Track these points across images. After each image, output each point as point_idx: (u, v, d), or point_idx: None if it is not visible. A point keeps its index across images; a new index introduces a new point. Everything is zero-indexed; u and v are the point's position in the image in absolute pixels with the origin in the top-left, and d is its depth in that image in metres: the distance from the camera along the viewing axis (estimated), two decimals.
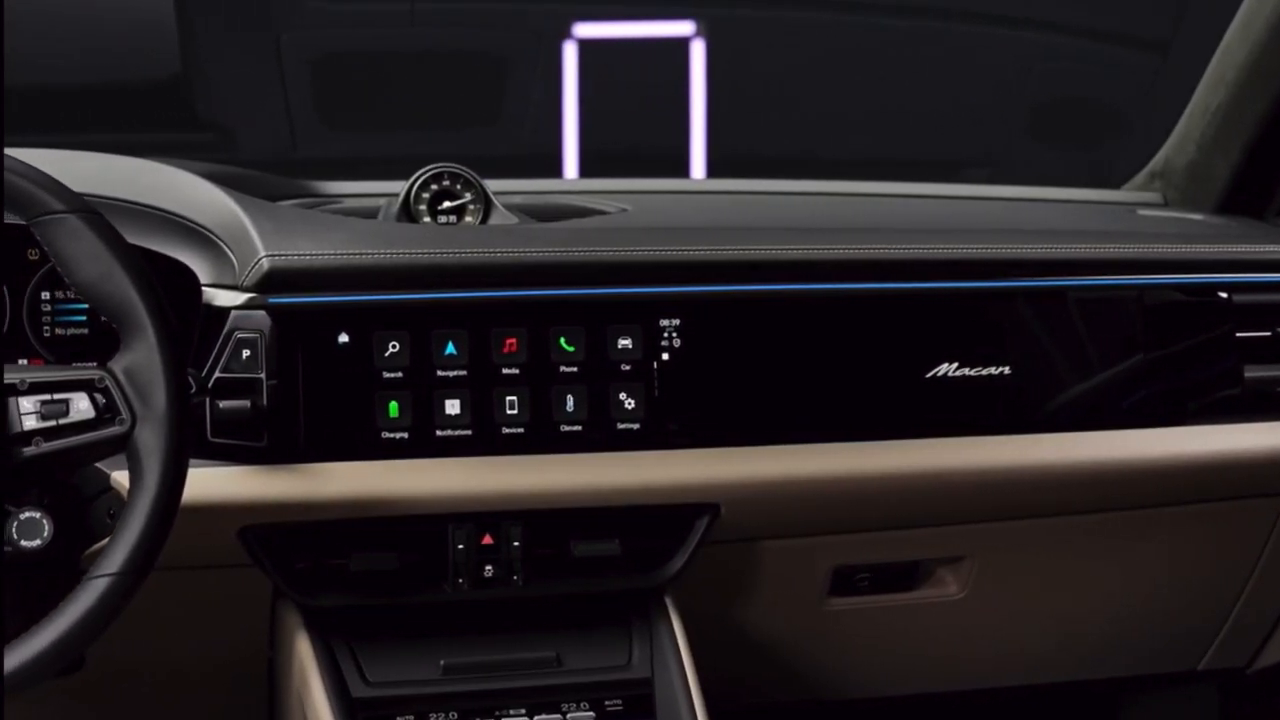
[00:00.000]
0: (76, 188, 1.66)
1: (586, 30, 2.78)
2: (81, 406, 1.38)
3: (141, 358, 1.39)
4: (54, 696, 1.80)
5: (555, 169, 2.36)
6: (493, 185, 1.90)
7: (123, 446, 1.38)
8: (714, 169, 2.85)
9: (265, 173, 2.07)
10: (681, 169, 2.83)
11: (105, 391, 1.38)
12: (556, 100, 2.74)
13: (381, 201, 1.86)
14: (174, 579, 1.67)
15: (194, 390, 1.53)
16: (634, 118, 2.81)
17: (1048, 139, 2.92)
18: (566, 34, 2.75)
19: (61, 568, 1.41)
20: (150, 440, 1.37)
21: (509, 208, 1.84)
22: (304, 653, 1.65)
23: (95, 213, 1.42)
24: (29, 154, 1.75)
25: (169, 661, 1.80)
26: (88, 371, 1.40)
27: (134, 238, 1.66)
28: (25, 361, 1.71)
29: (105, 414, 1.38)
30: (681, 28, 2.83)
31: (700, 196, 2.18)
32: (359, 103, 2.74)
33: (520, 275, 1.67)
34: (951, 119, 2.89)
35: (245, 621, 1.73)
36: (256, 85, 2.67)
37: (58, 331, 1.71)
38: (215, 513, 1.61)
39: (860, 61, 2.92)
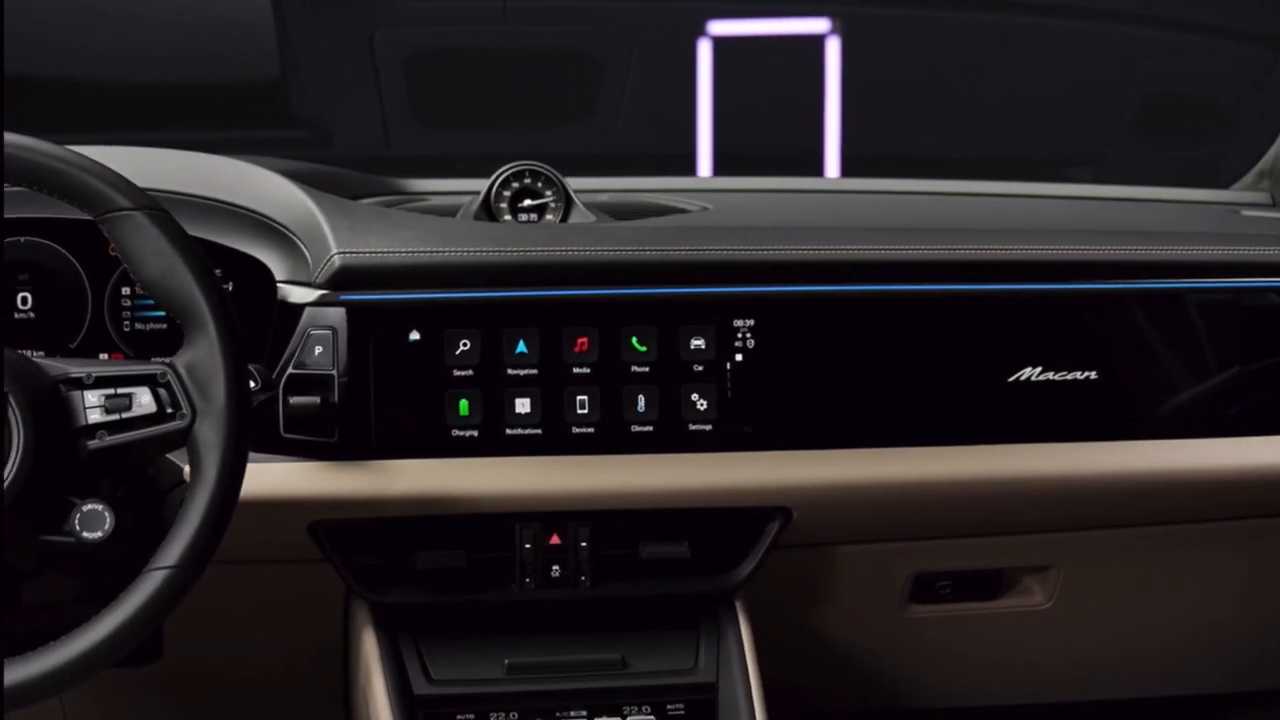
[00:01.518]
0: (158, 185, 1.70)
1: (721, 28, 2.78)
2: (144, 401, 1.39)
3: (203, 353, 1.40)
4: (138, 686, 1.83)
5: (646, 167, 2.34)
6: (576, 183, 1.89)
7: (183, 441, 1.39)
8: (848, 167, 2.83)
9: (351, 170, 2.08)
10: (815, 168, 2.82)
11: (167, 386, 1.39)
12: (690, 98, 2.74)
13: (466, 199, 1.86)
14: (249, 573, 1.69)
15: (259, 386, 1.54)
16: (767, 116, 2.79)
17: (1153, 137, 2.85)
18: (701, 31, 2.75)
19: (127, 559, 1.42)
20: (210, 435, 1.38)
21: (591, 206, 1.83)
22: (369, 649, 1.65)
23: (161, 210, 1.43)
24: (114, 152, 1.78)
25: (248, 656, 1.82)
26: (150, 366, 1.41)
27: (212, 234, 1.69)
28: (106, 356, 1.73)
29: (167, 409, 1.39)
30: (816, 24, 2.82)
31: (791, 196, 2.15)
32: (453, 100, 2.75)
33: (591, 274, 1.65)
34: (1054, 117, 2.83)
35: (321, 618, 1.74)
36: (351, 83, 2.69)
37: (137, 327, 1.73)
38: (285, 507, 1.62)
39: (970, 58, 2.87)
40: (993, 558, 1.84)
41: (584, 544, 1.65)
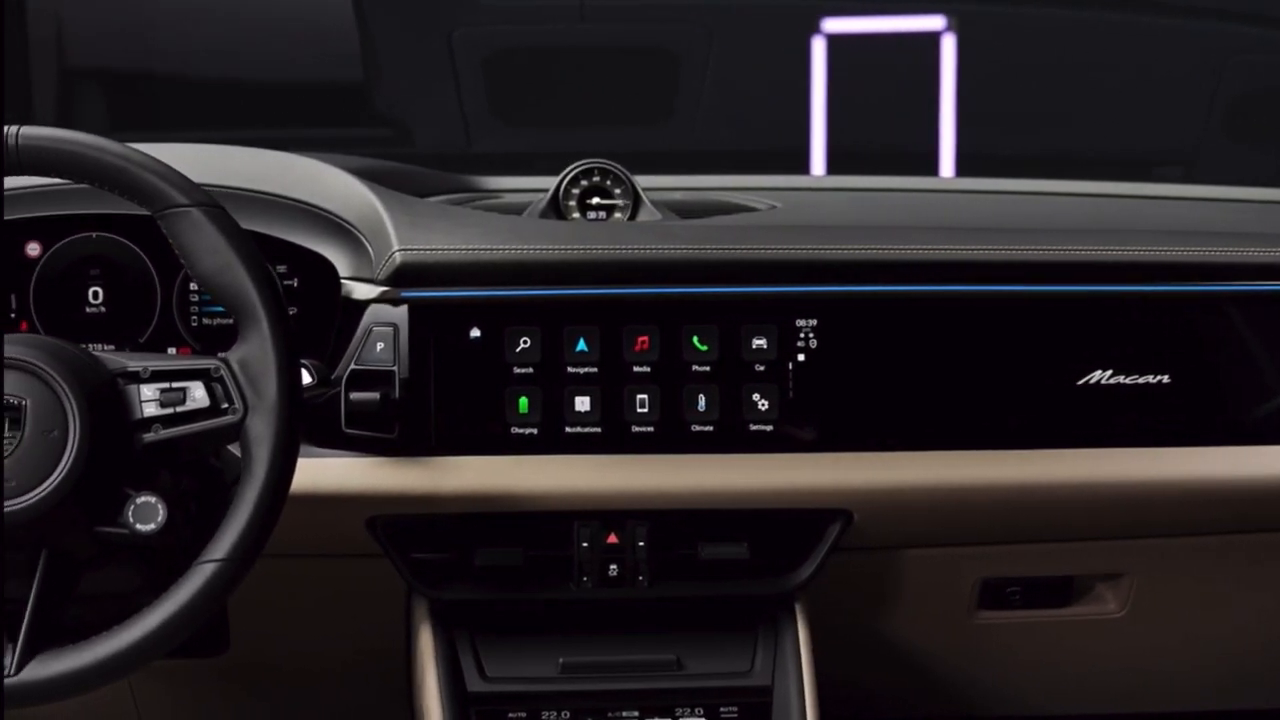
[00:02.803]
0: (228, 182, 1.72)
1: (835, 25, 2.76)
2: (197, 395, 1.40)
3: (255, 349, 1.40)
4: (206, 677, 1.86)
5: (722, 165, 2.33)
6: (646, 181, 1.88)
7: (235, 435, 1.40)
8: (962, 166, 2.80)
9: (428, 168, 2.09)
10: (930, 167, 2.80)
11: (220, 381, 1.41)
12: (804, 96, 2.73)
13: (538, 197, 1.86)
14: (311, 567, 1.71)
15: (315, 381, 1.55)
16: (881, 114, 2.78)
17: (1244, 136, 2.79)
18: (815, 28, 2.74)
19: (183, 551, 1.43)
20: (261, 430, 1.39)
21: (662, 204, 1.82)
22: (424, 644, 1.66)
23: (218, 206, 1.44)
24: (187, 149, 1.81)
25: (313, 652, 1.83)
26: (205, 361, 1.42)
27: (278, 230, 1.71)
28: (174, 351, 1.75)
29: (220, 403, 1.41)
30: (932, 22, 2.80)
31: (866, 195, 2.13)
32: (533, 98, 2.75)
33: (652, 272, 1.64)
34: (1143, 115, 2.77)
35: (384, 616, 1.75)
36: (431, 81, 2.70)
37: (204, 322, 1.75)
38: (344, 502, 1.63)
39: (1065, 55, 2.83)
40: (1064, 564, 1.80)
41: (641, 543, 1.64)
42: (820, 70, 2.74)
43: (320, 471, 1.63)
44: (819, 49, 2.75)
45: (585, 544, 1.64)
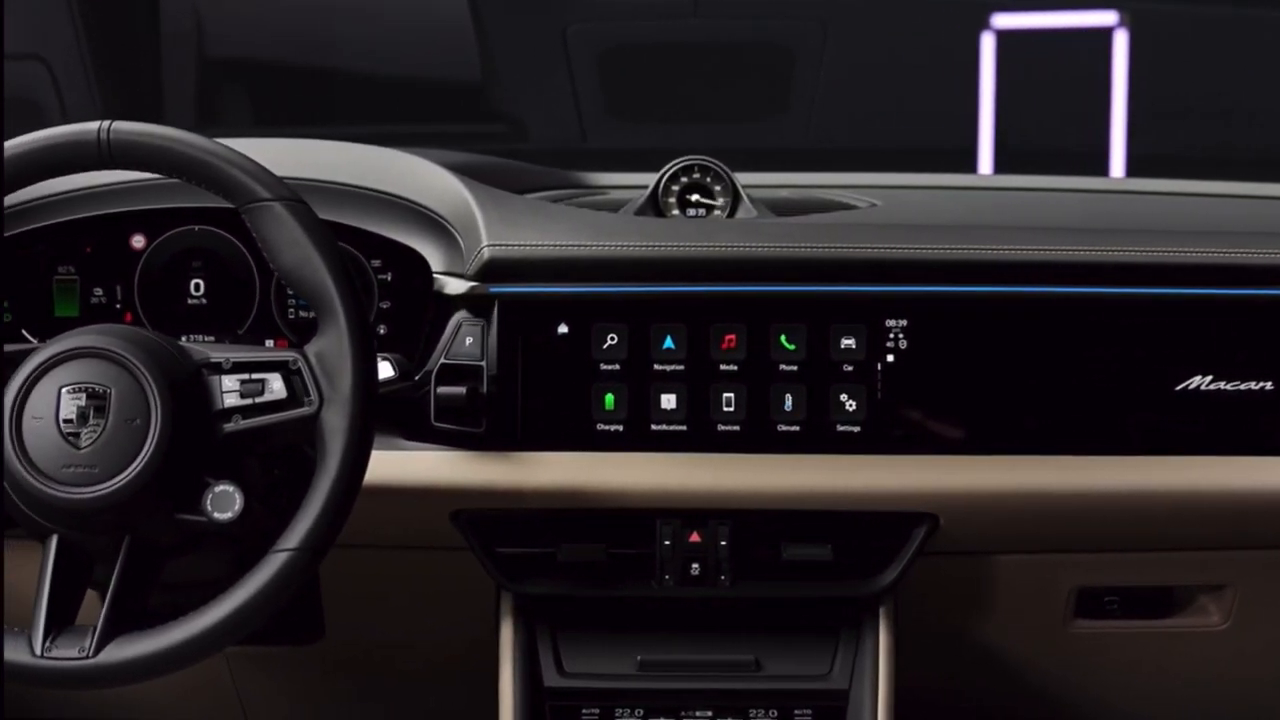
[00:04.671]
0: (323, 176, 1.74)
1: (1005, 21, 2.74)
2: (275, 387, 1.43)
3: (332, 342, 1.42)
4: (303, 664, 1.89)
5: (834, 163, 2.31)
6: (747, 178, 1.87)
7: (311, 427, 1.42)
8: (1133, 167, 2.75)
9: (528, 164, 2.10)
10: (1100, 166, 2.75)
11: (298, 373, 1.43)
12: (973, 94, 2.71)
13: (641, 193, 1.86)
14: (399, 559, 1.73)
15: (396, 375, 1.57)
16: (1050, 112, 2.73)
17: None
18: (985, 25, 2.72)
19: (262, 540, 1.45)
20: (335, 422, 1.41)
21: (761, 202, 1.81)
22: (505, 638, 1.67)
23: (299, 201, 1.46)
24: (286, 145, 1.84)
25: (405, 643, 1.85)
26: (283, 353, 1.45)
27: (372, 225, 1.73)
28: (272, 343, 1.78)
29: (297, 395, 1.43)
30: (1104, 18, 2.76)
31: (970, 194, 2.09)
32: (647, 94, 2.75)
33: (739, 270, 1.64)
34: None
35: (473, 608, 1.76)
36: (546, 78, 2.71)
37: (300, 314, 1.77)
38: (430, 495, 1.65)
39: (1236, 53, 2.76)
40: (1163, 574, 1.76)
41: (724, 543, 1.63)
42: (989, 67, 2.71)
43: (407, 464, 1.65)
44: (988, 45, 2.71)
45: (667, 542, 1.64)
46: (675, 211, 1.81)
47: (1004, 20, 2.73)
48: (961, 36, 2.71)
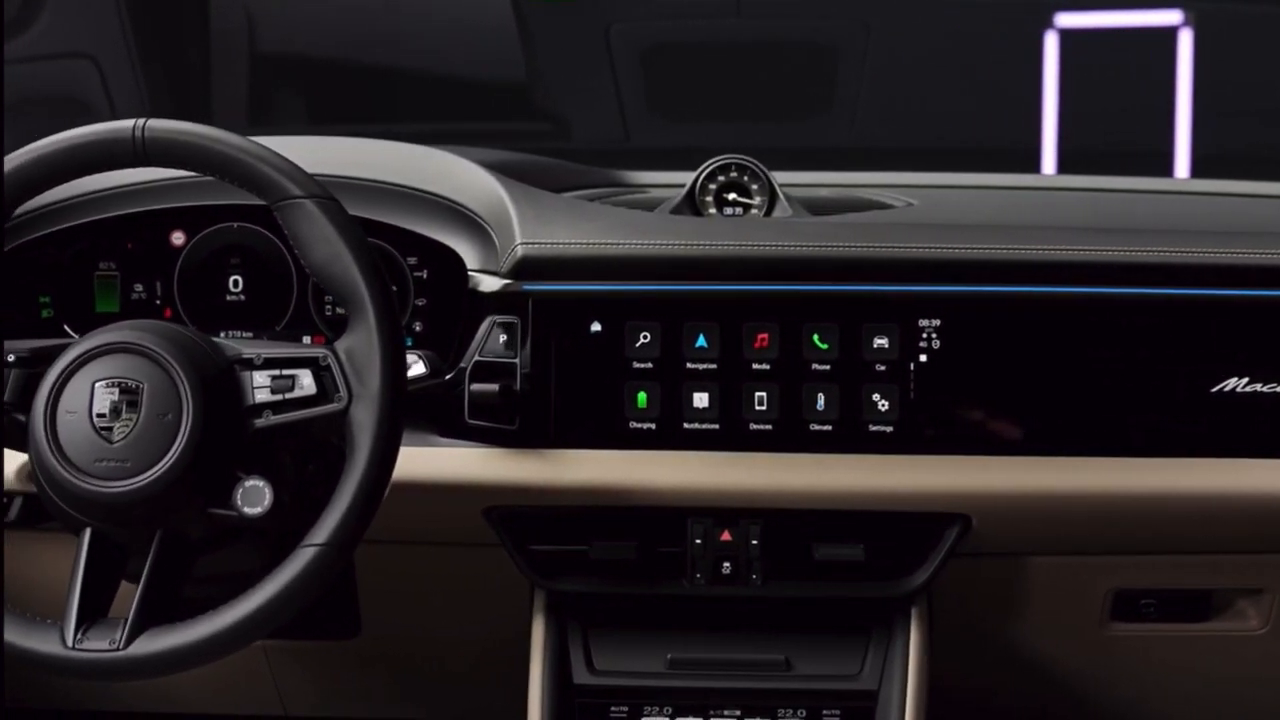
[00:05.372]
0: (361, 174, 1.75)
1: (1068, 20, 2.72)
2: (305, 383, 1.44)
3: (361, 339, 1.43)
4: (341, 659, 1.90)
5: (878, 162, 2.30)
6: (790, 177, 1.87)
7: (340, 423, 1.43)
8: (1197, 167, 2.73)
9: (568, 162, 2.11)
10: (1164, 167, 2.73)
11: (327, 370, 1.44)
12: (1036, 93, 2.70)
13: (679, 192, 1.86)
14: (433, 555, 1.74)
15: (427, 372, 1.58)
16: (1114, 112, 2.71)
17: None
18: (1048, 23, 2.70)
19: (292, 535, 1.46)
20: (364, 418, 1.42)
21: (797, 201, 1.81)
22: (535, 635, 1.68)
23: (330, 198, 1.47)
24: (324, 142, 1.85)
25: (440, 638, 1.86)
26: (313, 350, 1.46)
27: (408, 222, 1.74)
28: (309, 340, 1.79)
29: (326, 391, 1.44)
30: (1168, 17, 2.74)
31: (1009, 193, 2.08)
32: (688, 93, 2.75)
33: (772, 269, 1.63)
34: None
35: (507, 605, 1.76)
36: (589, 77, 2.72)
37: (337, 311, 1.79)
38: (463, 491, 1.65)
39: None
40: (1201, 577, 1.74)
41: (755, 542, 1.63)
42: (1053, 66, 2.69)
43: (441, 461, 1.66)
44: (1051, 44, 2.69)
45: (699, 540, 1.64)
46: (712, 210, 1.81)
47: (1068, 19, 2.71)
48: (1007, 35, 2.69)
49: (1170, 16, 2.71)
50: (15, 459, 1.55)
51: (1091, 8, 2.71)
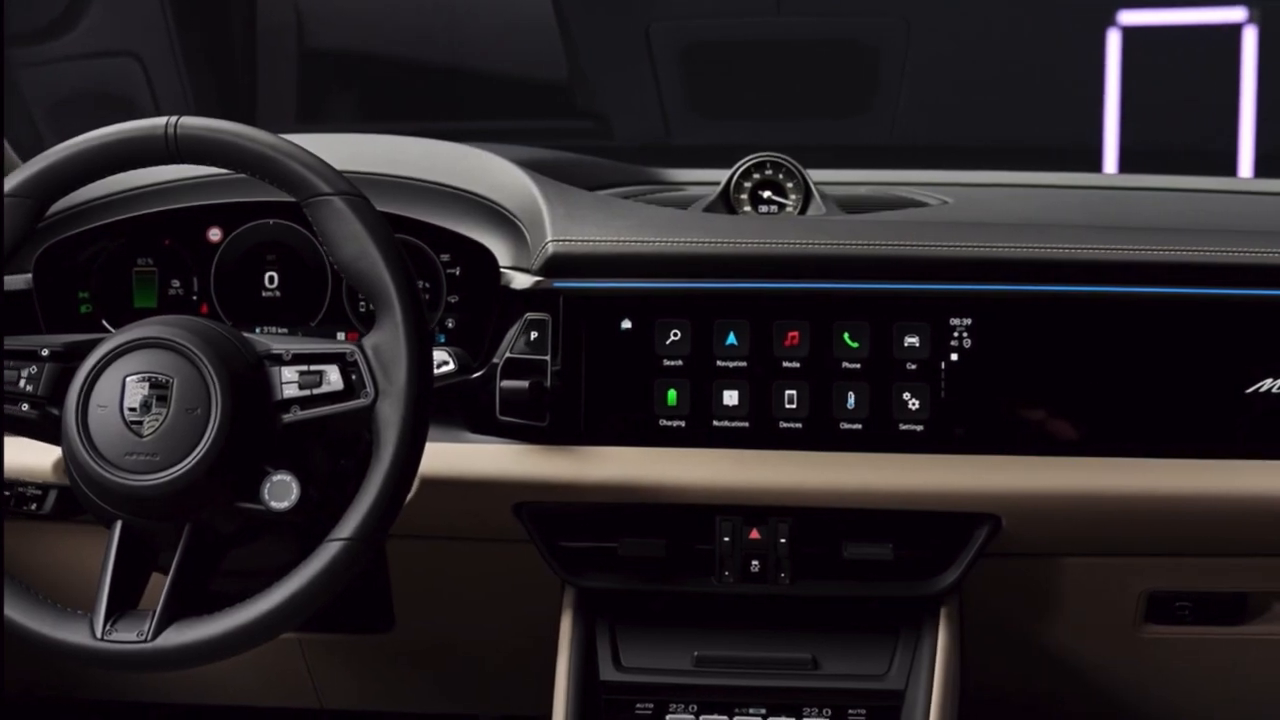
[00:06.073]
0: (393, 171, 1.76)
1: (1131, 17, 2.70)
2: (333, 379, 1.45)
3: (388, 335, 1.44)
4: (377, 653, 1.91)
5: (920, 160, 2.29)
6: (827, 175, 1.86)
7: (366, 418, 1.44)
8: (1261, 165, 2.70)
9: (604, 160, 2.11)
10: (1228, 166, 2.70)
11: (355, 366, 1.45)
12: (1099, 91, 2.68)
13: (714, 190, 1.86)
14: (465, 551, 1.75)
15: (455, 368, 1.59)
16: (1177, 110, 2.69)
17: None
18: (1110, 21, 2.69)
19: (319, 529, 1.47)
20: (390, 414, 1.42)
21: (831, 199, 1.80)
22: (564, 631, 1.68)
23: (359, 195, 1.48)
24: (362, 140, 1.87)
25: (473, 633, 1.87)
26: (340, 346, 1.46)
27: (440, 219, 1.75)
28: (343, 336, 1.80)
29: (353, 387, 1.45)
30: (1233, 14, 2.71)
31: (1047, 191, 2.06)
32: (729, 91, 2.75)
33: (802, 267, 1.63)
34: None
35: (540, 601, 1.77)
36: (630, 75, 2.72)
37: (370, 307, 1.79)
38: (493, 487, 1.66)
39: None
40: (1237, 579, 1.72)
41: (784, 540, 1.63)
42: (1115, 64, 2.67)
43: (472, 457, 1.66)
44: (1114, 42, 2.67)
45: (727, 538, 1.64)
46: (747, 208, 1.81)
47: (1130, 17, 2.69)
48: (1059, 33, 2.67)
49: (1234, 13, 2.69)
50: (51, 453, 1.57)
51: (1155, 5, 2.69)
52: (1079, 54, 2.70)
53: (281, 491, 1.43)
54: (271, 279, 1.80)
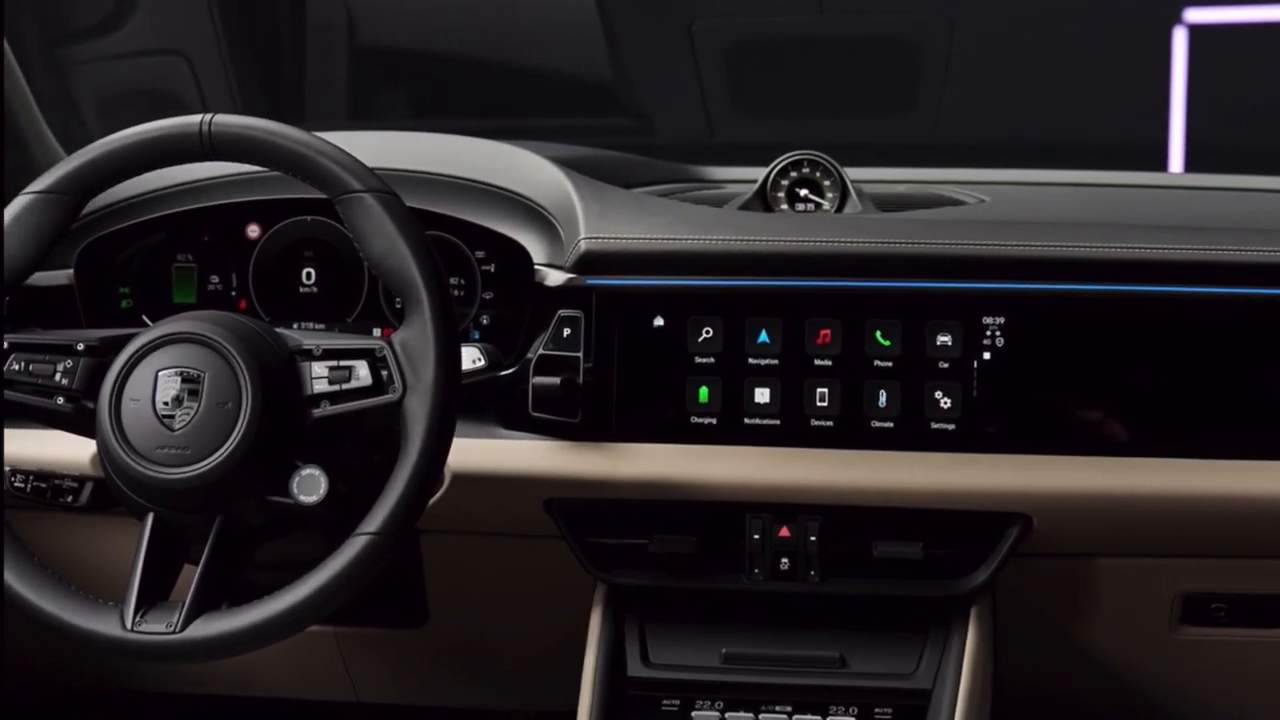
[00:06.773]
0: (428, 168, 1.77)
1: (1198, 15, 2.68)
2: (362, 374, 1.46)
3: (416, 332, 1.45)
4: (412, 647, 1.92)
5: (964, 159, 2.28)
6: (864, 174, 1.86)
7: (394, 414, 1.45)
8: None
9: (642, 157, 2.11)
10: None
11: (383, 361, 1.46)
12: (1165, 90, 2.67)
13: (751, 187, 1.86)
14: (496, 547, 1.76)
15: (485, 365, 1.59)
16: (1242, 109, 2.67)
17: None
18: (1177, 19, 2.67)
19: (348, 523, 1.48)
20: (417, 409, 1.43)
21: (870, 197, 1.80)
22: (593, 627, 1.69)
23: (390, 192, 1.49)
24: (401, 137, 1.88)
25: (507, 629, 1.88)
26: (370, 341, 1.47)
27: (475, 216, 1.75)
28: (379, 332, 1.82)
29: (381, 382, 1.46)
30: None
31: (1087, 190, 2.05)
32: (771, 89, 2.75)
33: (834, 265, 1.63)
34: None
35: (566, 598, 1.77)
36: (672, 73, 2.72)
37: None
38: (524, 483, 1.67)
39: None
40: (1273, 582, 1.70)
41: (814, 538, 1.63)
42: (1181, 62, 2.64)
43: (504, 453, 1.67)
44: (1180, 40, 2.65)
45: (757, 536, 1.64)
46: (784, 206, 1.81)
47: (1197, 15, 2.66)
48: (1094, 32, 2.66)
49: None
50: (89, 446, 1.59)
51: (1221, 3, 2.66)
52: (1135, 52, 2.68)
53: (310, 485, 1.44)
54: (309, 275, 1.82)
